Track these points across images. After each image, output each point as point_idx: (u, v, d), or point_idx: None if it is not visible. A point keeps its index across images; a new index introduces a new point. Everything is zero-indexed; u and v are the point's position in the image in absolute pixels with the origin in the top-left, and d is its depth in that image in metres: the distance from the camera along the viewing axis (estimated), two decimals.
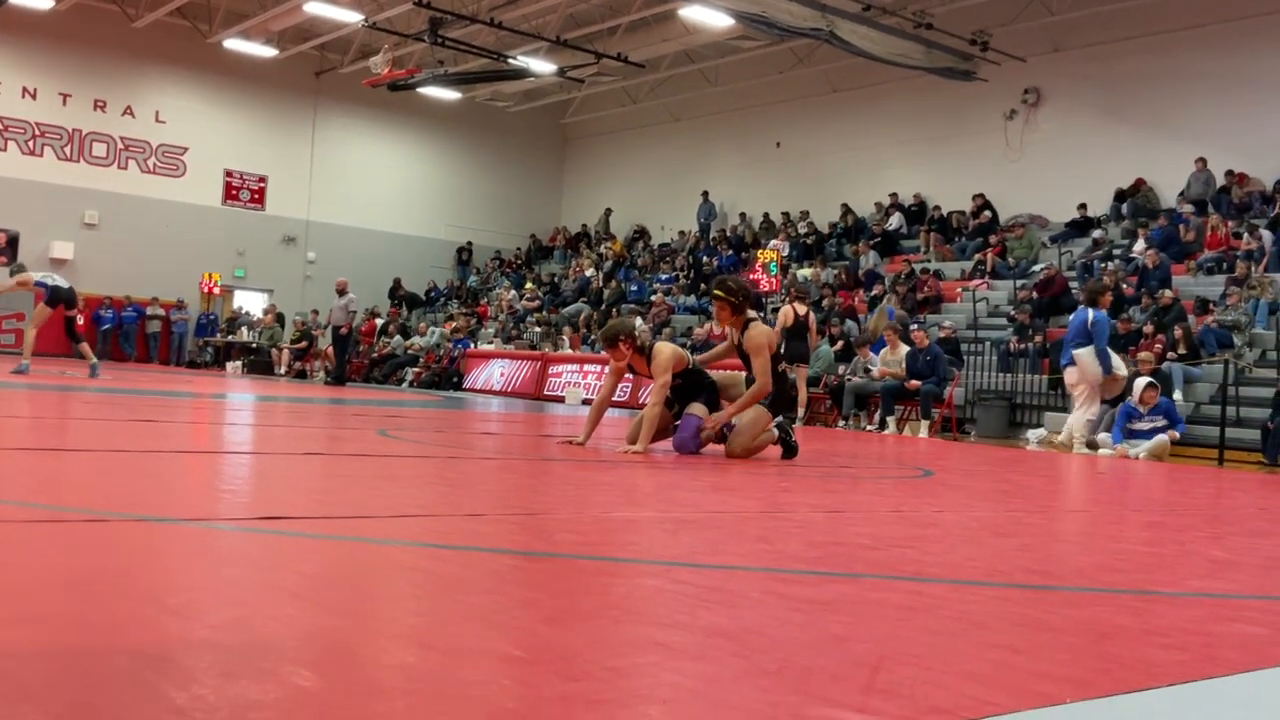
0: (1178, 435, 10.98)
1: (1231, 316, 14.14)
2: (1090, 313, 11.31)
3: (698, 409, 6.95)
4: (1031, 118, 21.68)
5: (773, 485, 5.52)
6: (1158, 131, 19.80)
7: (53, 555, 2.39)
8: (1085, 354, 11.17)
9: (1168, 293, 14.98)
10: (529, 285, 27.26)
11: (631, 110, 29.69)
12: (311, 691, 1.51)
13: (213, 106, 27.88)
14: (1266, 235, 16.20)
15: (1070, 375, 11.48)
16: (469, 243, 31.41)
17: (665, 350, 6.98)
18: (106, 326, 25.58)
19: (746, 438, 6.86)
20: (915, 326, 14.74)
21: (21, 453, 4.73)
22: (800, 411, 14.68)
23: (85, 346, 14.20)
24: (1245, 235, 16.52)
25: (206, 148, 27.79)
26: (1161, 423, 10.92)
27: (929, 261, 20.56)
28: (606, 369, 7.57)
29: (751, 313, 7.09)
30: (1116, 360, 11.57)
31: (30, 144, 25.77)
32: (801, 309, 14.64)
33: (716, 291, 6.98)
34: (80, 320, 14.52)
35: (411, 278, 29.64)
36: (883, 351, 14.49)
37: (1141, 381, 11.05)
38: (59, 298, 13.36)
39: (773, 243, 22.02)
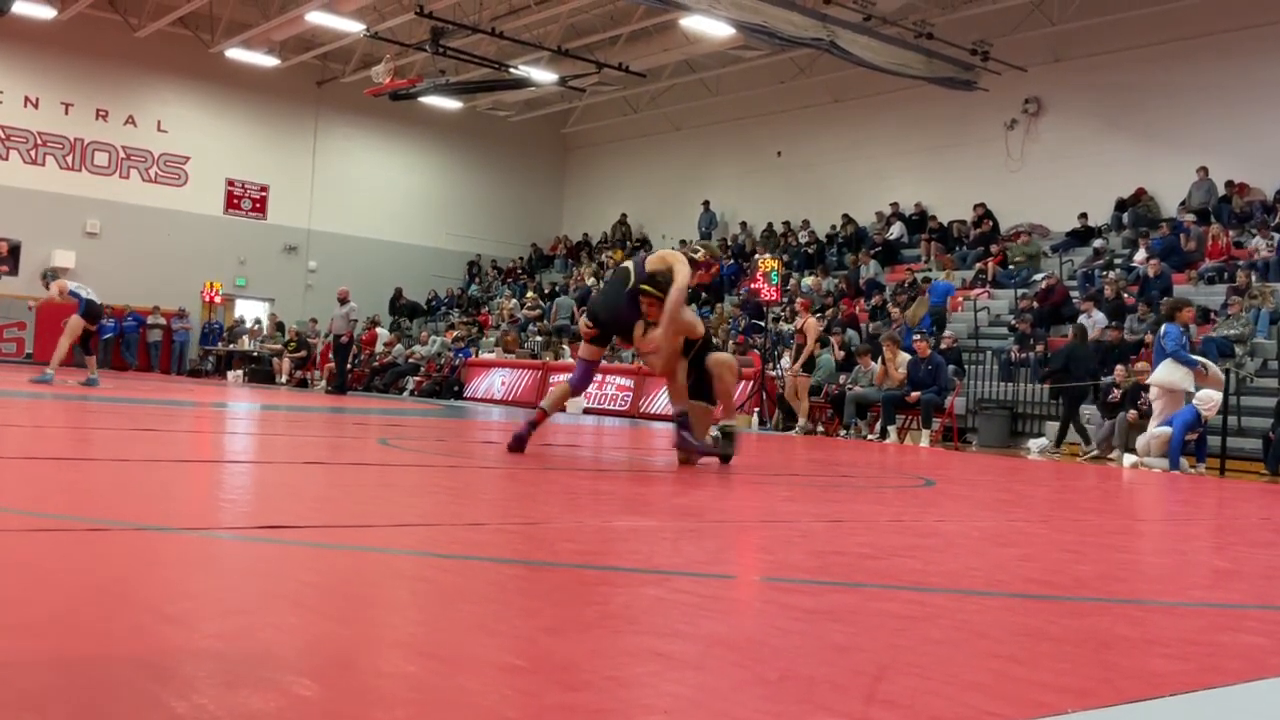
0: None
1: (1235, 330, 14.13)
2: (1163, 327, 11.43)
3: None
4: (1032, 127, 21.71)
5: (773, 495, 5.52)
6: (1158, 141, 19.81)
7: (54, 564, 2.39)
8: (1161, 368, 11.17)
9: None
10: (530, 294, 27.26)
11: (632, 119, 29.73)
12: (312, 700, 1.51)
13: (214, 116, 27.93)
14: (1278, 236, 16.26)
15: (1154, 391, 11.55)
16: (478, 255, 31.46)
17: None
18: (108, 335, 25.54)
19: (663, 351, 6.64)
20: (919, 336, 14.74)
21: (24, 462, 4.73)
22: (802, 420, 14.71)
23: (93, 360, 14.35)
24: (1257, 238, 16.54)
25: (208, 157, 27.83)
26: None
27: (930, 271, 20.56)
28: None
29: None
30: (1199, 359, 11.42)
31: (32, 153, 25.81)
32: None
33: (645, 287, 6.61)
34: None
35: (413, 286, 29.64)
36: (883, 362, 14.48)
37: (1216, 396, 11.07)
38: (91, 312, 13.47)
39: (757, 258, 21.99)
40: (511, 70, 23.48)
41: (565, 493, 4.93)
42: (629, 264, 7.01)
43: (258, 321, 26.92)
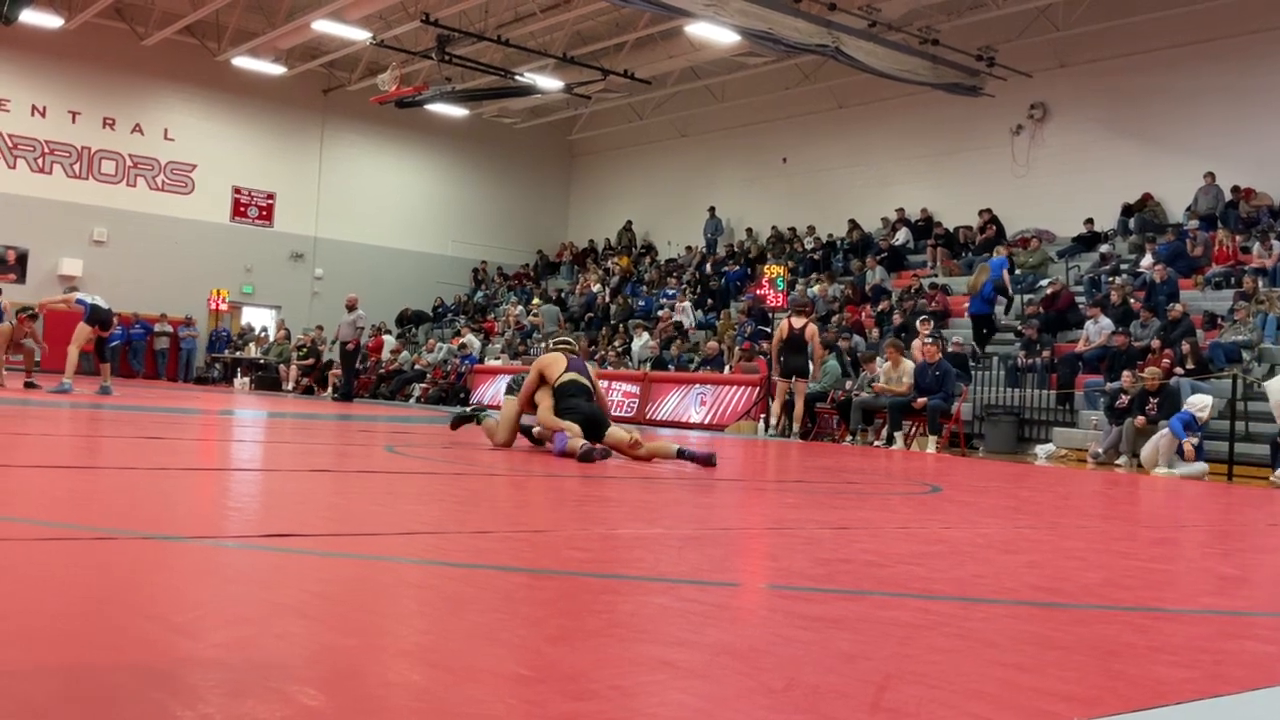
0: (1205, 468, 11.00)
1: (1242, 335, 14.08)
2: None
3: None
4: (1038, 133, 21.71)
5: (779, 502, 5.52)
6: (1164, 146, 19.80)
7: (60, 573, 2.40)
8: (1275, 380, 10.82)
9: (1177, 307, 14.94)
10: (535, 300, 27.28)
11: (638, 126, 29.78)
12: (318, 710, 1.52)
13: (221, 124, 28.03)
14: (1278, 245, 16.21)
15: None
16: (484, 261, 31.51)
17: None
18: (115, 343, 25.58)
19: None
20: (929, 340, 14.70)
21: (30, 470, 4.74)
22: (797, 426, 14.67)
23: (106, 368, 14.41)
24: (1256, 246, 16.49)
25: (215, 165, 27.92)
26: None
27: (936, 276, 20.54)
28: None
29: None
30: None
31: (39, 161, 25.91)
32: (799, 322, 14.65)
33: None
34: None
35: (419, 294, 29.69)
36: (885, 367, 14.45)
37: (1208, 399, 11.02)
38: (98, 318, 13.54)
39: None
40: (517, 77, 23.53)
41: (571, 500, 4.93)
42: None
43: (264, 329, 27.00)
